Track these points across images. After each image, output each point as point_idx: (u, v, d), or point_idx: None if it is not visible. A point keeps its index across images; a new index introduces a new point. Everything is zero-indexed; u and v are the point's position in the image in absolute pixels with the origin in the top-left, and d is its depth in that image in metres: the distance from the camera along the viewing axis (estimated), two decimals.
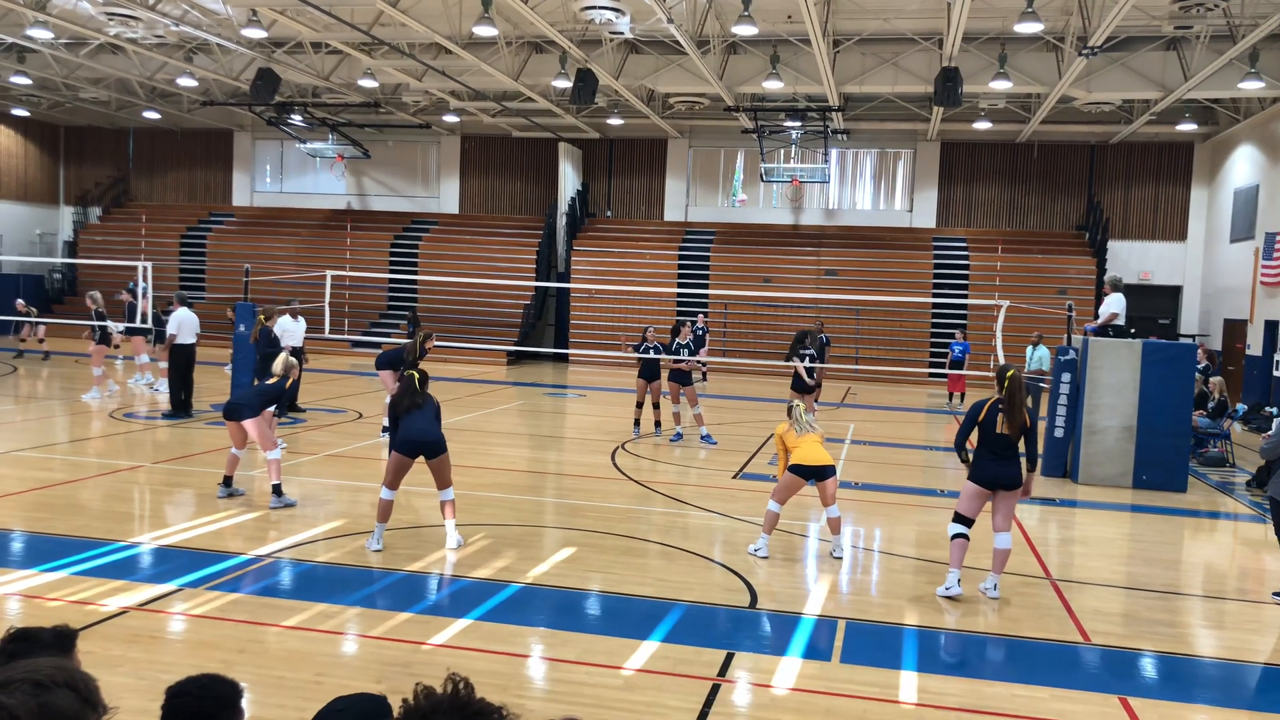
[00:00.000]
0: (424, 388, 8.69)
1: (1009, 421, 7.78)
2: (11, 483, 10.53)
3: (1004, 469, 7.85)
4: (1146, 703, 6.01)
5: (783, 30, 20.85)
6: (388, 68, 23.69)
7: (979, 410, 7.95)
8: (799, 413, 9.11)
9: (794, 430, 8.96)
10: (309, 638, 6.43)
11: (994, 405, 7.88)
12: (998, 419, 7.82)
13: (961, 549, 7.93)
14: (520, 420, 18.26)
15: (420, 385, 8.67)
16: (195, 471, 11.60)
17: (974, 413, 7.99)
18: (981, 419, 7.89)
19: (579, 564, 8.45)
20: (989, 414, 7.86)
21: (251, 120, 32.34)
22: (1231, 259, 25.56)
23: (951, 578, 7.89)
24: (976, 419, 7.93)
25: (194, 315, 15.88)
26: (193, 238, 32.78)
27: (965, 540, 7.96)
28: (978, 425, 7.93)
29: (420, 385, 8.67)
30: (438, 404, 8.82)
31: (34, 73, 26.33)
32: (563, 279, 29.73)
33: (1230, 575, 9.60)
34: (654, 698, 5.72)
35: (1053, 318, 21.27)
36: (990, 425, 7.84)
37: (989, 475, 7.84)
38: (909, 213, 30.35)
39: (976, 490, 7.92)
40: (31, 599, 6.97)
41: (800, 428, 8.96)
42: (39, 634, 2.73)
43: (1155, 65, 21.46)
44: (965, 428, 8.13)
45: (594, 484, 12.04)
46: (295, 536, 8.94)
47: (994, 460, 7.84)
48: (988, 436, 7.86)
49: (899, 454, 15.70)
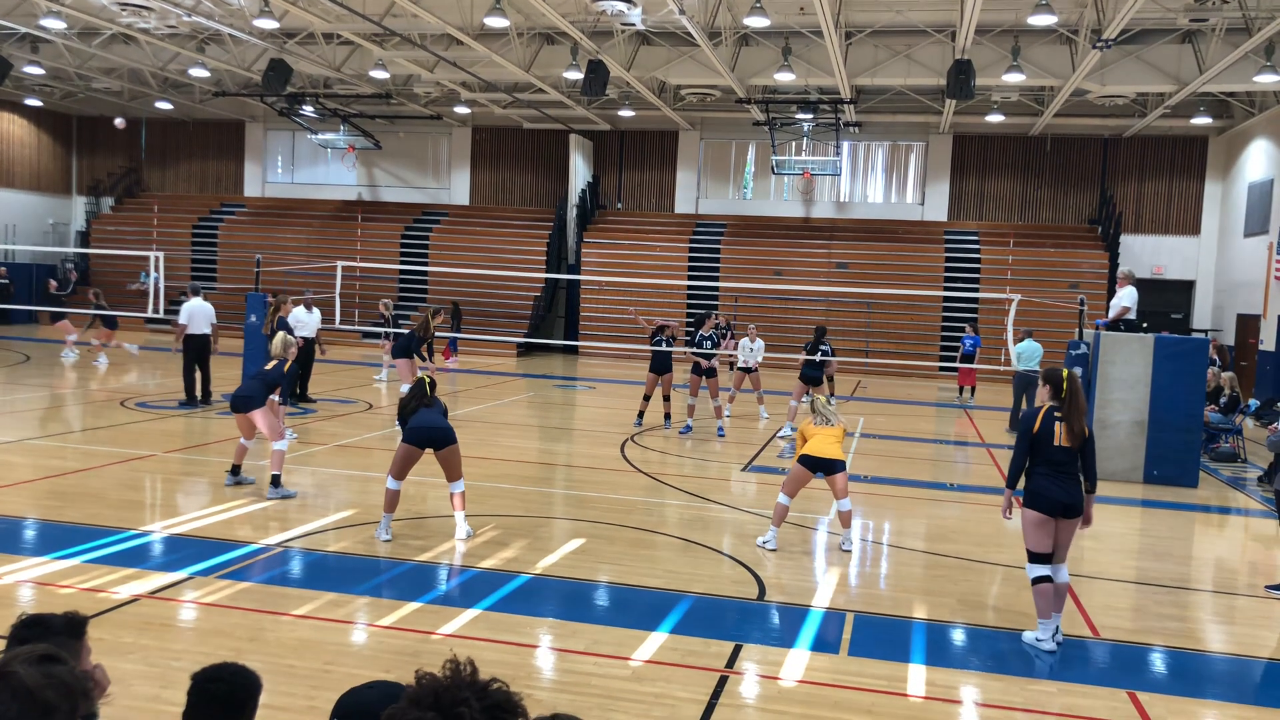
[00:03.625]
0: (433, 392, 8.77)
1: (1069, 430, 6.58)
2: (24, 470, 10.60)
3: (1069, 489, 6.58)
4: (1155, 697, 6.00)
5: (795, 22, 20.78)
6: (399, 59, 23.70)
7: (1032, 421, 6.70)
8: (821, 404, 9.07)
9: (814, 422, 8.95)
10: (319, 626, 6.46)
11: (1049, 412, 6.67)
12: (1055, 428, 6.60)
13: (1047, 596, 6.61)
14: (530, 412, 18.28)
15: (430, 389, 8.74)
16: (206, 461, 11.65)
17: (1026, 427, 6.73)
18: (1037, 430, 6.65)
19: (588, 555, 8.47)
20: (1045, 423, 6.64)
21: (263, 111, 32.39)
22: (1245, 253, 25.40)
23: (1044, 630, 6.65)
24: (1031, 432, 6.67)
25: (208, 305, 15.98)
26: (204, 228, 32.87)
27: (1050, 584, 6.63)
28: (1032, 441, 6.68)
29: (430, 389, 8.74)
30: (445, 405, 8.91)
31: (47, 63, 26.42)
32: (573, 271, 29.72)
33: (1240, 571, 9.57)
34: (662, 689, 5.73)
35: (1064, 312, 21.18)
36: (1047, 437, 6.61)
37: (1052, 498, 6.55)
38: (921, 206, 30.24)
39: (1040, 519, 6.61)
40: (43, 586, 7.02)
41: (820, 419, 8.94)
42: (50, 620, 2.75)
43: (1170, 58, 21.31)
44: (1020, 449, 6.74)
45: (603, 476, 12.05)
46: (305, 526, 8.98)
47: (1054, 479, 6.57)
48: (1044, 450, 6.62)
49: (909, 447, 15.67)
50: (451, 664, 1.83)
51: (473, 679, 1.81)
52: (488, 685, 1.81)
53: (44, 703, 1.97)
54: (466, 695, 1.77)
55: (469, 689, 1.78)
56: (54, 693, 1.99)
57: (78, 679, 2.08)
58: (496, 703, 1.80)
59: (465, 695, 1.77)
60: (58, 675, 2.03)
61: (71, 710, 2.04)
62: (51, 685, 2.00)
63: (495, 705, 1.80)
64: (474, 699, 1.77)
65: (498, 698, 1.81)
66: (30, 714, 1.95)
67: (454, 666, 1.82)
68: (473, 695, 1.77)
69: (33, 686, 1.97)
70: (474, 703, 1.76)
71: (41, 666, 2.03)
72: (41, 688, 1.98)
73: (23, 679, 1.97)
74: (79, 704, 2.07)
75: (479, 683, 1.80)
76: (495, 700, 1.80)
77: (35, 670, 2.01)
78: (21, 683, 1.97)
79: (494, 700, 1.80)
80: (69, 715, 2.04)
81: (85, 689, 2.10)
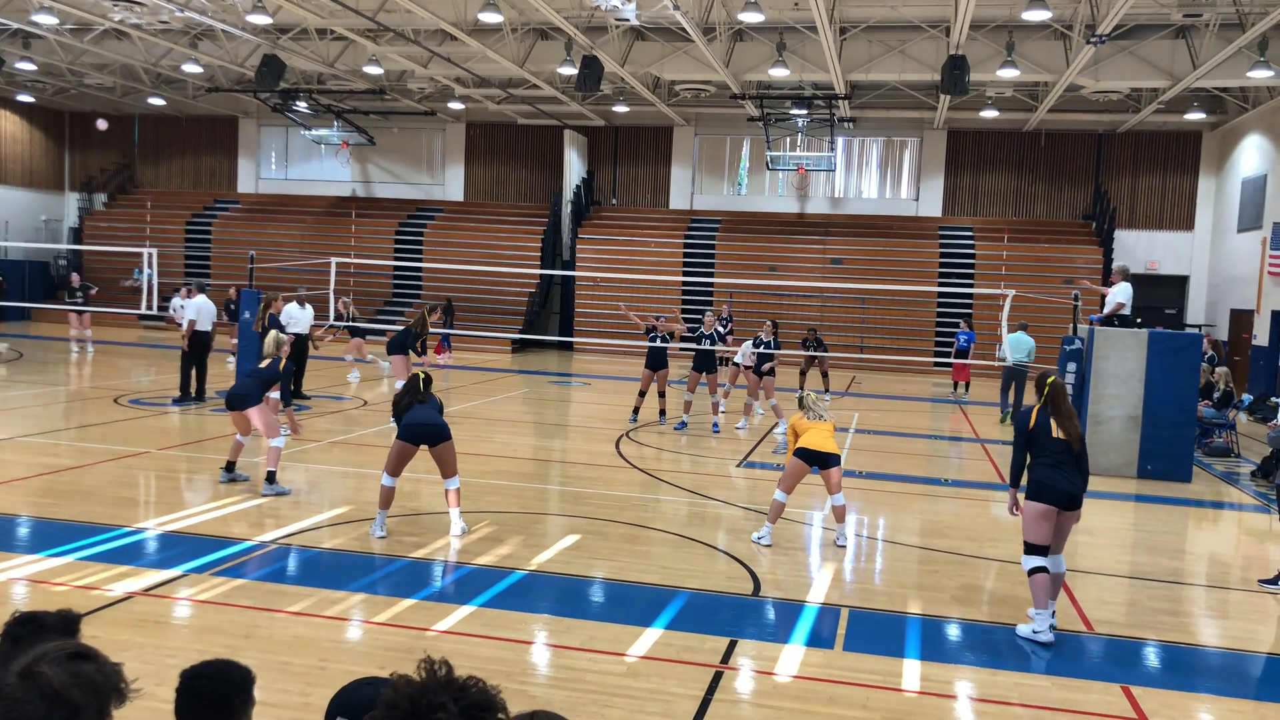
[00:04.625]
0: (428, 388, 8.74)
1: (1065, 432, 6.77)
2: (18, 468, 10.57)
3: (1072, 480, 6.71)
4: (1149, 691, 6.01)
5: (789, 17, 20.75)
6: (393, 54, 23.63)
7: (1027, 418, 6.91)
8: (810, 400, 9.09)
9: (805, 418, 8.97)
10: (313, 623, 6.45)
11: (1042, 410, 6.88)
12: (1050, 422, 6.81)
13: (1044, 586, 6.68)
14: (524, 408, 18.27)
15: (425, 386, 8.71)
16: (201, 457, 11.63)
17: (1022, 424, 6.94)
18: (1032, 427, 6.84)
19: (583, 551, 8.47)
20: (1040, 417, 6.84)
21: (257, 107, 32.29)
22: (1239, 249, 25.45)
23: (1041, 621, 6.69)
24: (1027, 429, 6.87)
25: (211, 303, 16.14)
26: (198, 224, 32.78)
27: (1046, 574, 6.71)
28: (1029, 437, 6.86)
29: (425, 386, 8.71)
30: (440, 402, 8.90)
31: (39, 58, 26.29)
32: (568, 267, 29.69)
33: (1234, 565, 9.60)
34: (657, 684, 5.73)
35: (1058, 307, 21.21)
36: (1044, 429, 6.80)
37: (1057, 489, 6.67)
38: (915, 201, 30.26)
39: (1044, 510, 6.70)
40: (37, 584, 7.00)
41: (812, 415, 8.95)
42: (44, 618, 2.74)
43: (1164, 54, 21.33)
44: (1018, 445, 6.96)
45: (598, 472, 12.05)
46: (300, 523, 8.97)
47: (1057, 470, 6.69)
48: (1043, 442, 6.79)
49: (904, 443, 15.69)
50: (426, 664, 1.80)
51: (449, 680, 1.78)
52: (465, 685, 1.78)
53: (71, 703, 1.95)
54: (444, 700, 1.74)
55: (445, 691, 1.75)
56: (80, 692, 1.97)
57: (107, 676, 2.06)
58: (475, 703, 1.77)
59: (442, 700, 1.74)
60: (85, 674, 2.01)
61: (100, 709, 2.02)
62: (79, 685, 1.98)
63: (473, 705, 1.77)
64: (451, 702, 1.74)
65: (476, 698, 1.78)
66: (57, 714, 1.93)
67: (429, 667, 1.79)
68: (449, 698, 1.74)
69: (59, 686, 1.95)
70: (451, 706, 1.73)
71: (69, 665, 2.01)
72: (68, 687, 1.96)
73: (49, 679, 1.95)
74: (109, 702, 2.05)
75: (455, 683, 1.77)
76: (473, 700, 1.77)
77: (62, 670, 1.98)
78: (48, 683, 1.95)
79: (472, 700, 1.77)
80: (98, 714, 2.01)
81: (115, 685, 2.07)
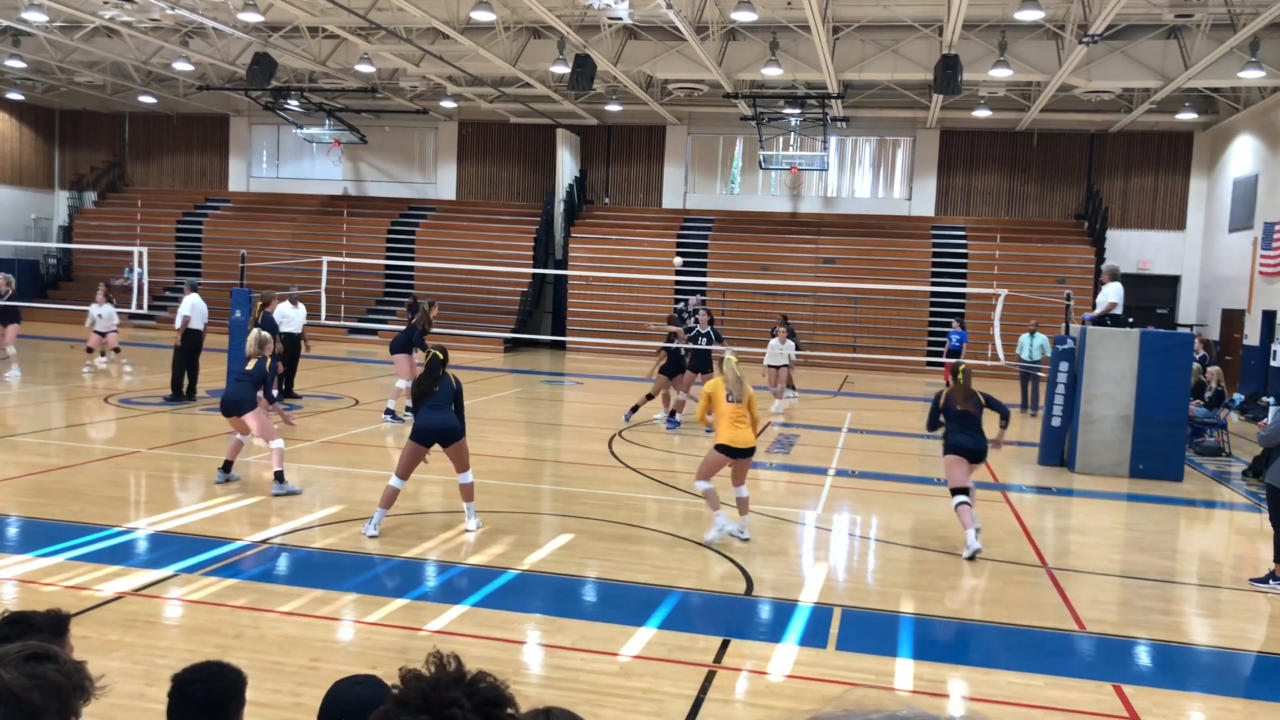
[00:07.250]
0: (445, 367, 8.62)
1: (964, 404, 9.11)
2: (8, 468, 10.51)
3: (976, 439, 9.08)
4: (1141, 690, 6.02)
5: (782, 16, 20.75)
6: (385, 53, 23.58)
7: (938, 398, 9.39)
8: (730, 367, 8.75)
9: (725, 397, 8.66)
10: (305, 623, 6.42)
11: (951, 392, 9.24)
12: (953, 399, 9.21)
13: (967, 512, 8.80)
14: (517, 407, 18.24)
15: (443, 364, 8.60)
16: (193, 457, 11.58)
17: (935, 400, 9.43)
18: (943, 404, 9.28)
19: (576, 551, 8.45)
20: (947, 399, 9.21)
21: (248, 105, 32.18)
22: (1230, 249, 25.53)
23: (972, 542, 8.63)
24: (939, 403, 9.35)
25: (204, 303, 16.13)
26: (189, 223, 32.66)
27: (968, 505, 8.86)
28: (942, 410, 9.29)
29: (443, 364, 8.60)
30: (458, 384, 8.73)
31: (28, 56, 26.17)
32: (560, 266, 29.66)
33: (1225, 564, 9.62)
34: (650, 684, 5.72)
35: (1051, 307, 21.25)
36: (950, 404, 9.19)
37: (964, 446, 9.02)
38: (908, 201, 30.29)
39: (956, 459, 9.02)
40: (27, 584, 6.96)
41: (731, 395, 8.64)
42: (33, 617, 2.72)
43: (1155, 54, 21.38)
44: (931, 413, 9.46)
45: (591, 471, 12.03)
46: (292, 522, 8.94)
47: (965, 433, 9.04)
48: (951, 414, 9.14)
49: (896, 442, 15.70)
50: (435, 659, 1.79)
51: (459, 674, 1.77)
52: (476, 680, 1.77)
53: (31, 705, 1.93)
54: (457, 695, 1.73)
55: (458, 687, 1.74)
56: (41, 694, 1.95)
57: (69, 676, 2.04)
58: (487, 699, 1.76)
59: (455, 695, 1.73)
60: (44, 675, 1.98)
61: (62, 709, 2.00)
62: (38, 686, 1.96)
63: (486, 701, 1.75)
64: (464, 697, 1.73)
65: (488, 693, 1.77)
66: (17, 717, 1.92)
67: (438, 662, 1.78)
68: (463, 693, 1.73)
69: (17, 689, 1.93)
70: (465, 702, 1.72)
71: (27, 667, 1.99)
72: (27, 689, 1.94)
73: (6, 683, 1.93)
74: (71, 701, 2.03)
75: (466, 678, 1.77)
76: (486, 696, 1.76)
77: (19, 672, 1.97)
78: (6, 687, 1.93)
79: (484, 696, 1.76)
80: (60, 714, 1.99)
81: (78, 684, 2.05)
